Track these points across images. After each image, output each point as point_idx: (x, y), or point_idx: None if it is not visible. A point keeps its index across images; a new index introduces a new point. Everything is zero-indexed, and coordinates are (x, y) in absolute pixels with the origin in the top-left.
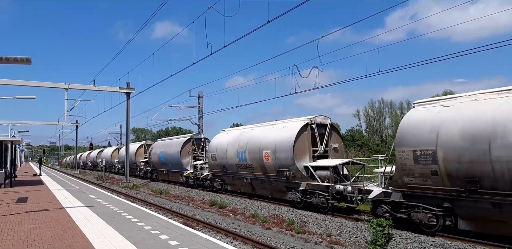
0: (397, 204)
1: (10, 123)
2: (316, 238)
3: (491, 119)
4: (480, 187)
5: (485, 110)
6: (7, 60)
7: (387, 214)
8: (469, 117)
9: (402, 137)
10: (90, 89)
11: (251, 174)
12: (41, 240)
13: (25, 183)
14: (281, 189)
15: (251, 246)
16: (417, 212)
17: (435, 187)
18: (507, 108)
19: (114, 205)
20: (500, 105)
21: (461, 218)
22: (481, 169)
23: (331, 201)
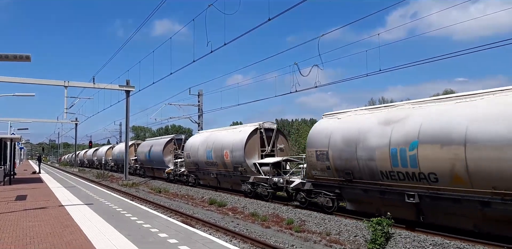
0: (309, 191)
1: (10, 120)
2: (315, 237)
3: (357, 129)
4: (353, 177)
5: (356, 123)
6: (7, 58)
7: (303, 199)
8: (347, 127)
9: (310, 140)
10: (89, 87)
11: (216, 169)
12: (40, 238)
13: (24, 181)
14: (238, 182)
15: (250, 244)
16: (320, 197)
17: (330, 178)
18: (368, 122)
19: (113, 203)
20: (365, 119)
21: (347, 200)
22: (352, 164)
23: (269, 190)
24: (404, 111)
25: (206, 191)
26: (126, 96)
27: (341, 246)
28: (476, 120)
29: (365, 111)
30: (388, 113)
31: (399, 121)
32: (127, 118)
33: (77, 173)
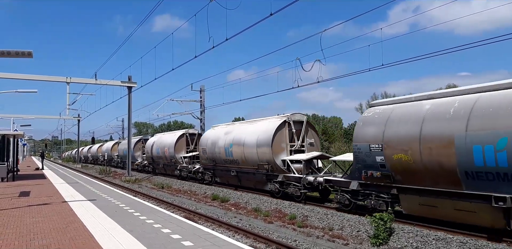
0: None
1: (12, 117)
2: (318, 232)
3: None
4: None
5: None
6: (9, 54)
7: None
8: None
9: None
10: (91, 83)
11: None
12: (43, 234)
13: (27, 177)
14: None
15: (253, 240)
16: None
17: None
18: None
19: (116, 199)
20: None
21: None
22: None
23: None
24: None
25: (209, 187)
26: (128, 92)
27: (343, 241)
28: None
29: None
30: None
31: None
32: (129, 114)
33: (80, 169)
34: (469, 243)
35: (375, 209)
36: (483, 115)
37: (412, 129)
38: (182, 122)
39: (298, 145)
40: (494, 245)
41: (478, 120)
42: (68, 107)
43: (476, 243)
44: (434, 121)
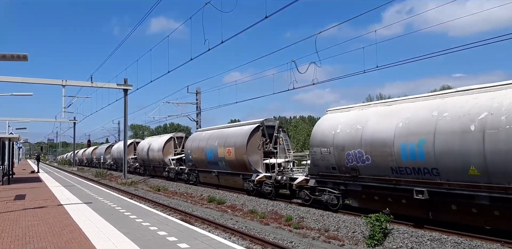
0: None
1: (8, 120)
2: (314, 233)
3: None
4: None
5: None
6: (4, 57)
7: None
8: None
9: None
10: (87, 86)
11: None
12: (39, 237)
13: (23, 180)
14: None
15: (249, 241)
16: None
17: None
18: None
19: (112, 202)
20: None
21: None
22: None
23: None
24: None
25: (205, 189)
26: (124, 95)
27: (339, 242)
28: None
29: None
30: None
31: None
32: (125, 117)
33: (76, 172)
34: (463, 243)
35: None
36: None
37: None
38: (178, 124)
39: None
40: (488, 245)
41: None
42: (64, 110)
43: (471, 243)
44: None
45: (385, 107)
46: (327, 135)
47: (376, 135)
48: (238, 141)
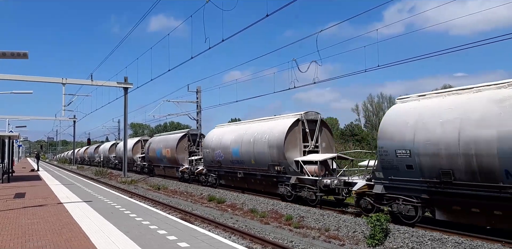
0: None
1: (8, 118)
2: (314, 233)
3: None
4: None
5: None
6: (4, 55)
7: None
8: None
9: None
10: (87, 84)
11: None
12: (39, 235)
13: (22, 179)
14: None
15: (249, 240)
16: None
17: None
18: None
19: (112, 200)
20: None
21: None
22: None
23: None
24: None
25: (205, 188)
26: (124, 93)
27: (340, 241)
28: None
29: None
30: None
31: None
32: (125, 115)
33: (76, 171)
34: (464, 243)
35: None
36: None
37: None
38: (178, 123)
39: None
40: (489, 245)
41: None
42: (63, 108)
43: (472, 243)
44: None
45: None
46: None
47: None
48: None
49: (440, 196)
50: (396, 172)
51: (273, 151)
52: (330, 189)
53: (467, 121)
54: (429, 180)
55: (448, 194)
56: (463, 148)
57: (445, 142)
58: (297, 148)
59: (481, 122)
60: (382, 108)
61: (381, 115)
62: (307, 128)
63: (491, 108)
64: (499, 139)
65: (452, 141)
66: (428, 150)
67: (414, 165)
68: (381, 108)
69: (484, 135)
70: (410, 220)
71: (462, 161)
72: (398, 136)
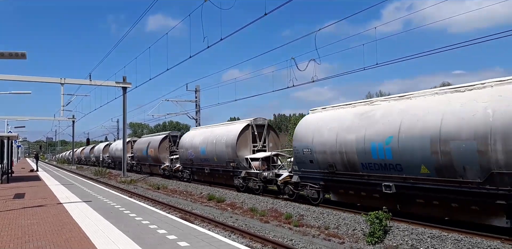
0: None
1: (6, 118)
2: (314, 231)
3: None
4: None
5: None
6: (2, 55)
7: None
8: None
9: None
10: (86, 84)
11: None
12: (38, 236)
13: (22, 179)
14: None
15: (249, 239)
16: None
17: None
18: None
19: (112, 200)
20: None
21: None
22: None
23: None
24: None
25: (205, 187)
26: (123, 93)
27: (339, 239)
28: None
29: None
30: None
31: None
32: (124, 115)
33: (75, 171)
34: (464, 241)
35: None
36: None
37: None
38: (177, 122)
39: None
40: (488, 242)
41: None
42: (62, 108)
43: (471, 241)
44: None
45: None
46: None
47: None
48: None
49: (330, 182)
50: (305, 166)
51: (229, 150)
52: (268, 180)
53: (341, 129)
54: (323, 171)
55: (335, 181)
56: (339, 148)
57: (329, 143)
58: (247, 148)
59: (348, 130)
60: None
61: None
62: (255, 131)
63: (354, 120)
64: (357, 141)
65: (333, 142)
66: (320, 149)
67: (313, 160)
68: None
69: (349, 139)
70: (316, 201)
71: (339, 157)
72: (305, 139)
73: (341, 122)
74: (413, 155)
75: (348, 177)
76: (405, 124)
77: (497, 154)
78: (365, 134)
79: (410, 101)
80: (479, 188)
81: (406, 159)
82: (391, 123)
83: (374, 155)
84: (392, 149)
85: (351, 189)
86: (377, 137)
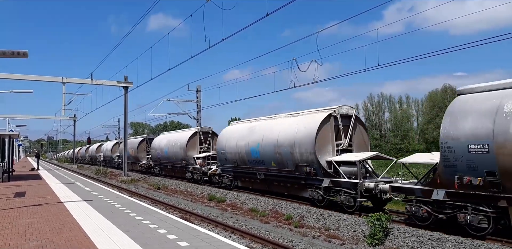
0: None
1: (8, 117)
2: (314, 232)
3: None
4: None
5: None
6: (4, 54)
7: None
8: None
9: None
10: (87, 83)
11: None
12: (39, 234)
13: (22, 178)
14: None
15: (250, 240)
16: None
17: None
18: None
19: (112, 200)
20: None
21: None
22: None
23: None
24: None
25: (205, 187)
26: (124, 92)
27: (340, 241)
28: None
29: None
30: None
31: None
32: (126, 114)
33: (76, 170)
34: (464, 243)
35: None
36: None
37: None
38: (178, 122)
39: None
40: (489, 245)
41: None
42: (63, 107)
43: (472, 243)
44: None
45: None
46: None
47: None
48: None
49: (236, 173)
50: (224, 162)
51: (301, 150)
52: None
53: (239, 137)
54: (232, 165)
55: (238, 172)
56: (238, 150)
57: (233, 147)
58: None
59: (242, 138)
60: (382, 107)
61: (381, 114)
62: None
63: (246, 131)
64: (245, 146)
65: (235, 146)
66: (229, 151)
67: (226, 158)
68: (381, 107)
69: (242, 144)
70: (229, 187)
71: (238, 156)
72: (222, 143)
73: (240, 133)
74: (268, 155)
75: (243, 169)
76: (265, 135)
77: (297, 154)
78: (249, 141)
79: (272, 120)
80: (294, 174)
81: (265, 158)
82: (260, 134)
83: (253, 155)
84: (259, 151)
85: (245, 177)
86: (254, 143)
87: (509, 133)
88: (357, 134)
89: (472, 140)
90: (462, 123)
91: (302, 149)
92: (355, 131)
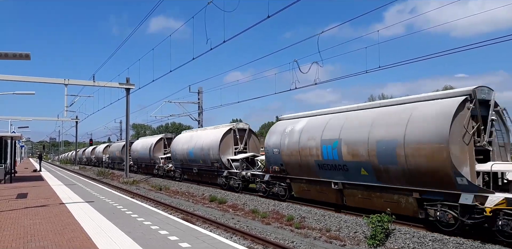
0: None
1: (10, 119)
2: (315, 233)
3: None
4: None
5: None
6: (6, 56)
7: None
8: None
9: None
10: (89, 85)
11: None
12: (41, 236)
13: (25, 179)
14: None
15: (251, 241)
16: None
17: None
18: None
19: (114, 201)
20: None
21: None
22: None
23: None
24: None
25: (207, 188)
26: (126, 94)
27: (341, 242)
28: None
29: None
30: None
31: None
32: (127, 116)
33: (78, 171)
34: (465, 244)
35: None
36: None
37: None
38: (180, 124)
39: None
40: (490, 246)
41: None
42: (66, 109)
43: (473, 244)
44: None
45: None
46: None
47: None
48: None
49: (184, 169)
50: (176, 160)
51: (213, 152)
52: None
53: (184, 143)
54: (179, 163)
55: (184, 168)
56: (182, 152)
57: (180, 150)
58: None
59: (185, 143)
60: None
61: None
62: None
63: (188, 138)
64: (187, 149)
65: (181, 149)
66: (178, 152)
67: (177, 158)
68: None
69: (185, 148)
70: (179, 179)
71: (183, 157)
72: (174, 147)
73: (185, 139)
74: (198, 155)
75: (186, 166)
76: (197, 142)
77: (211, 155)
78: (188, 145)
79: (203, 131)
80: (210, 168)
81: (196, 157)
82: (194, 141)
83: (190, 155)
84: (193, 153)
85: (188, 172)
86: (191, 147)
87: (284, 144)
88: (251, 141)
89: (273, 147)
90: (272, 138)
91: (213, 151)
92: (250, 139)
